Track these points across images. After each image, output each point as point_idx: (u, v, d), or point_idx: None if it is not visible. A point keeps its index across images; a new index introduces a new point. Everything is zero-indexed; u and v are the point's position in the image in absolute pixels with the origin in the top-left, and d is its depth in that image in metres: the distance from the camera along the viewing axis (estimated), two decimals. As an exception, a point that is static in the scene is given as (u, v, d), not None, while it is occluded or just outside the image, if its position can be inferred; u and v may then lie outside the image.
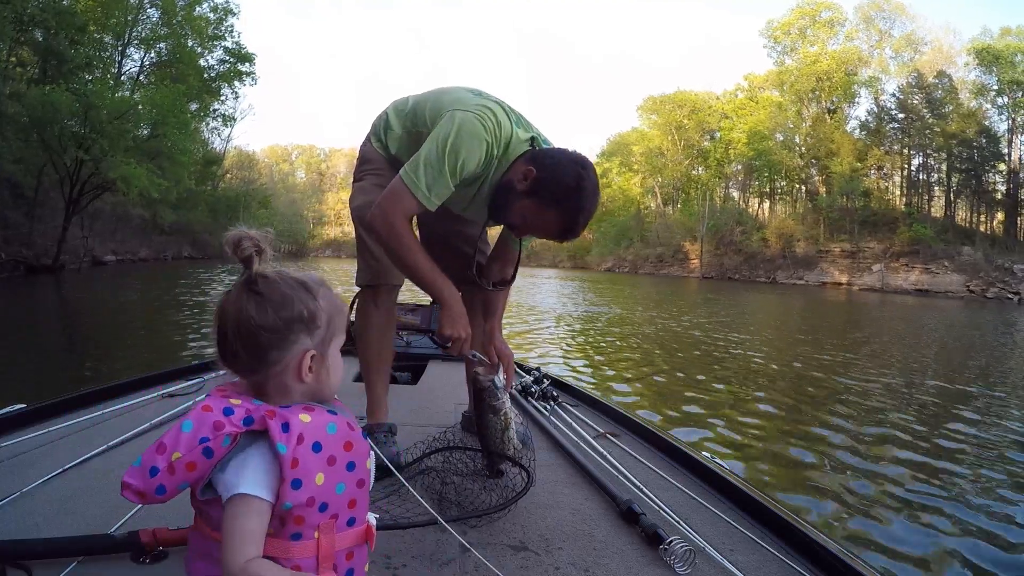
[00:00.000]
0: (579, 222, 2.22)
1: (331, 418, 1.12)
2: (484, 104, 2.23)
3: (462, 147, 2.16)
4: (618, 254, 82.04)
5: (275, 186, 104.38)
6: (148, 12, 40.99)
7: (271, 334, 1.10)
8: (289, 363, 1.12)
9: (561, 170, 2.18)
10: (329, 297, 1.20)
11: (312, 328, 1.14)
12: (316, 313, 1.15)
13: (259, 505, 1.03)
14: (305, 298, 1.14)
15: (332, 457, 1.09)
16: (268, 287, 1.12)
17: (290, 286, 1.14)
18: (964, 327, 21.74)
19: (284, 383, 1.14)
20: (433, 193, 2.19)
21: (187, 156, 34.29)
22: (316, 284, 1.19)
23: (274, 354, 1.11)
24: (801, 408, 7.39)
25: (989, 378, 10.49)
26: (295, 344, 1.12)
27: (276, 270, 1.16)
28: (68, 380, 7.13)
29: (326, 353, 1.18)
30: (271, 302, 1.11)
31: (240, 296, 1.12)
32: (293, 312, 1.12)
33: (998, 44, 58.40)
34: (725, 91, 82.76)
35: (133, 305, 16.63)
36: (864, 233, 60.31)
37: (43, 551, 1.55)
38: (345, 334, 1.24)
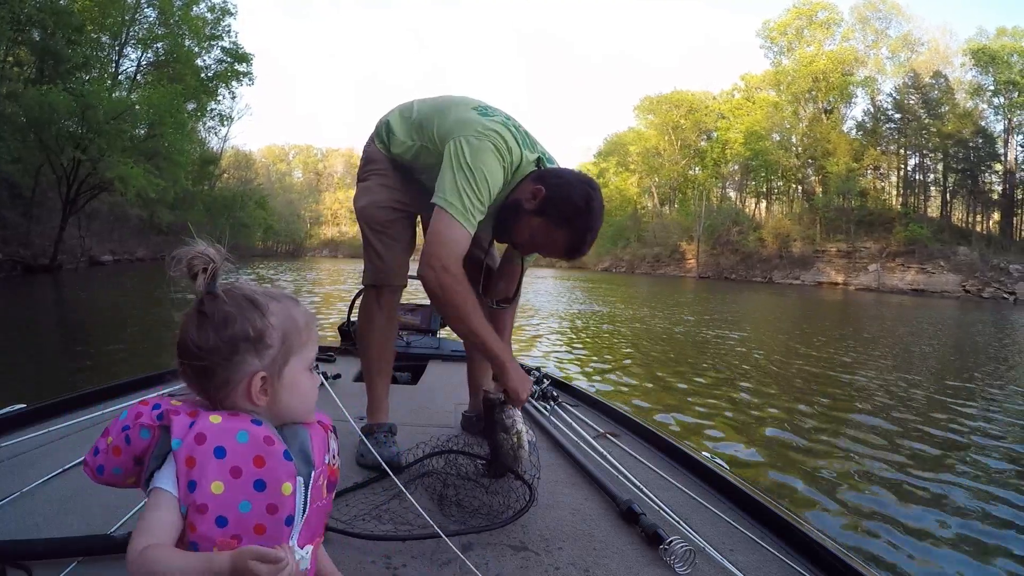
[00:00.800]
0: (587, 241, 2.23)
1: (249, 427, 1.04)
2: (493, 130, 2.21)
3: (490, 174, 2.17)
4: (615, 254, 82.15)
5: (272, 186, 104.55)
6: (145, 12, 40.94)
7: (213, 356, 1.04)
8: (238, 385, 1.06)
9: (570, 190, 2.19)
10: (285, 313, 1.12)
11: (260, 348, 1.07)
12: (264, 332, 1.08)
13: (167, 498, 0.99)
14: (252, 316, 1.08)
15: (236, 468, 1.02)
16: (211, 306, 1.07)
17: (236, 304, 1.08)
18: (961, 327, 21.78)
19: (236, 405, 1.07)
20: (475, 220, 2.18)
21: (184, 156, 34.35)
22: (268, 300, 1.12)
23: (220, 375, 1.06)
24: (801, 407, 7.38)
25: (988, 376, 10.50)
26: (241, 365, 1.06)
27: (228, 286, 1.11)
28: (68, 380, 7.12)
29: (281, 374, 1.10)
30: (212, 322, 1.06)
31: (188, 316, 1.09)
32: (236, 331, 1.06)
33: (994, 44, 58.56)
34: (722, 91, 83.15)
35: (132, 305, 16.59)
36: (860, 233, 60.46)
37: (43, 551, 1.55)
38: (313, 351, 1.17)
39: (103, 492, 1.97)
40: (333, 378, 3.81)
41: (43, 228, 27.70)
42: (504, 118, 2.32)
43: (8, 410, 2.58)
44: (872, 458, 5.51)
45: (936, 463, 5.45)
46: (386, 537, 1.82)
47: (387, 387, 2.71)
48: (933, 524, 4.12)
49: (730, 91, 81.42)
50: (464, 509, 2.05)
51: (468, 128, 2.21)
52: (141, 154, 29.52)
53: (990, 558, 3.70)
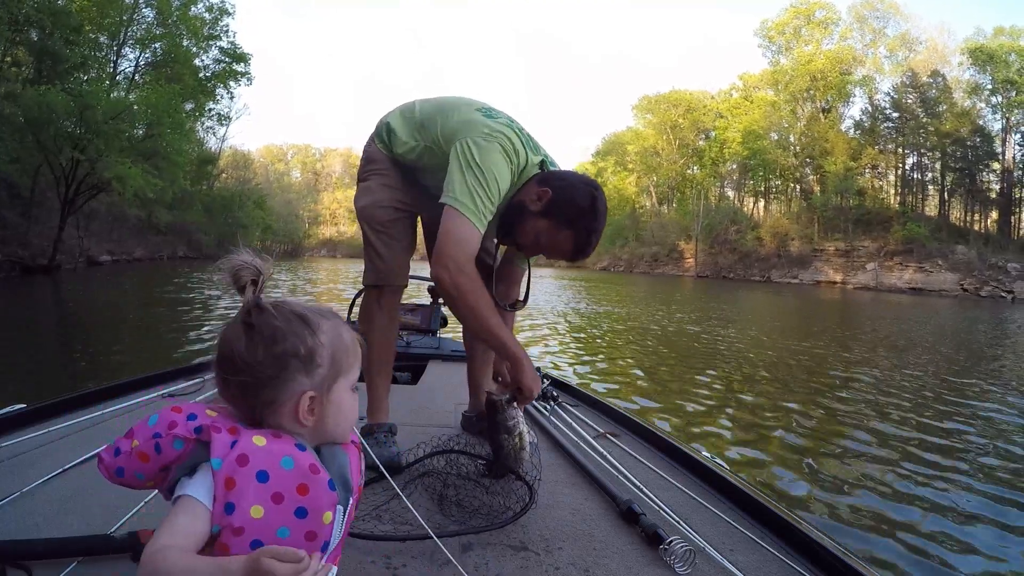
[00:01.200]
0: (591, 242, 2.27)
1: (295, 453, 1.02)
2: (500, 131, 2.22)
3: (499, 175, 2.18)
4: (613, 253, 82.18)
5: (270, 186, 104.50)
6: (143, 12, 40.93)
7: (260, 371, 1.01)
8: (285, 404, 1.04)
9: (575, 191, 2.21)
10: (335, 332, 1.10)
11: (310, 367, 1.05)
12: (315, 351, 1.05)
13: (198, 507, 0.96)
14: (302, 333, 1.05)
15: (279, 494, 0.98)
16: (261, 319, 1.03)
17: (286, 319, 1.05)
18: (959, 325, 21.78)
19: (279, 423, 1.05)
20: (486, 220, 2.18)
21: (182, 156, 34.35)
22: (318, 317, 1.09)
23: (267, 393, 1.03)
24: (800, 407, 7.38)
25: (987, 374, 10.52)
26: (290, 384, 1.03)
27: (276, 300, 1.07)
28: (68, 380, 7.12)
29: (329, 394, 1.08)
30: (262, 336, 1.02)
31: (234, 328, 1.04)
32: (286, 348, 1.03)
33: (992, 44, 58.59)
34: (720, 91, 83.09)
35: (131, 305, 16.62)
36: (858, 232, 60.49)
37: (43, 551, 1.55)
38: (357, 372, 1.14)
39: (103, 492, 1.99)
40: None
41: (41, 228, 27.69)
42: (508, 120, 2.33)
43: (8, 410, 2.58)
44: (872, 457, 5.52)
45: (936, 462, 5.45)
46: (386, 537, 1.82)
47: (387, 387, 2.70)
48: (933, 524, 4.13)
49: (728, 90, 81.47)
50: (464, 509, 2.05)
51: (475, 129, 2.22)
52: (139, 154, 29.48)
53: (991, 557, 3.70)
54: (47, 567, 1.51)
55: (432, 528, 1.82)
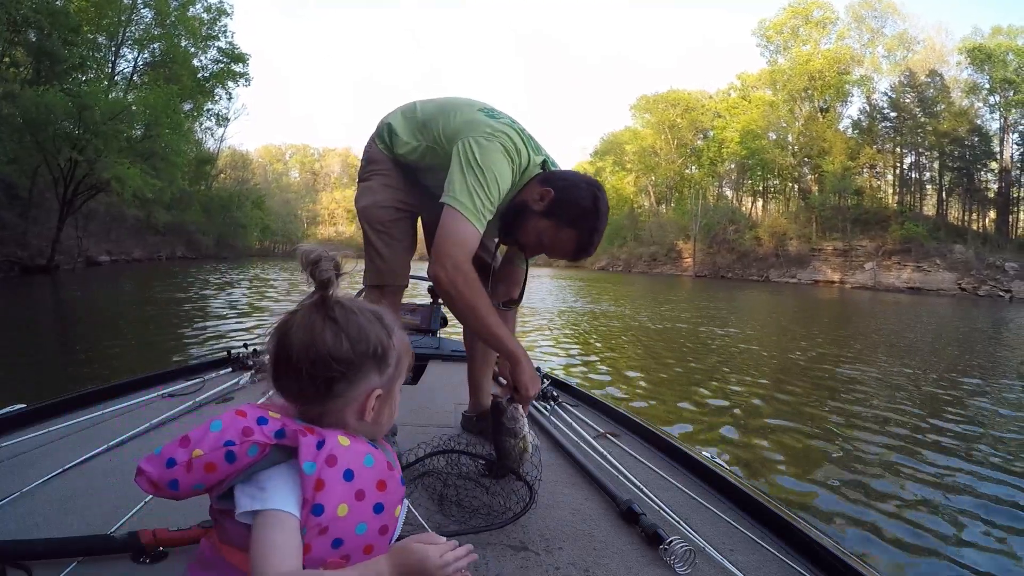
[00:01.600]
0: (594, 242, 2.27)
1: (371, 450, 1.06)
2: (502, 131, 2.22)
3: (500, 174, 2.18)
4: (612, 253, 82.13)
5: (269, 186, 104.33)
6: (141, 12, 40.95)
7: (343, 366, 1.03)
8: (354, 400, 1.07)
9: (578, 191, 2.22)
10: (402, 335, 1.15)
11: (383, 366, 1.09)
12: (389, 350, 1.10)
13: (288, 520, 0.97)
14: (381, 333, 1.09)
15: (361, 491, 1.02)
16: (345, 316, 1.06)
17: (368, 319, 1.08)
18: (957, 324, 21.77)
19: (343, 419, 1.08)
20: (485, 220, 2.18)
21: (181, 157, 34.40)
22: (392, 320, 1.14)
23: (340, 387, 1.05)
24: (800, 407, 7.39)
25: (986, 373, 10.52)
26: (364, 381, 1.07)
27: (351, 298, 1.11)
28: (68, 380, 7.11)
29: (392, 392, 1.13)
30: (347, 332, 1.05)
31: (314, 320, 1.05)
32: (369, 346, 1.06)
33: (989, 43, 58.59)
34: (718, 90, 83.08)
35: (130, 305, 16.59)
36: (856, 231, 60.49)
37: (43, 551, 1.55)
38: (408, 372, 1.19)
39: (103, 492, 1.99)
40: None
41: (40, 229, 27.70)
42: (510, 120, 2.33)
43: (8, 410, 2.59)
44: (872, 457, 5.51)
45: (937, 462, 5.44)
46: None
47: None
48: (934, 523, 4.12)
49: (726, 90, 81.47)
50: (464, 509, 2.05)
51: (477, 129, 2.22)
52: (138, 155, 29.54)
53: (991, 557, 3.70)
54: (47, 567, 1.51)
55: (432, 528, 1.82)
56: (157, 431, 2.58)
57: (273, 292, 21.22)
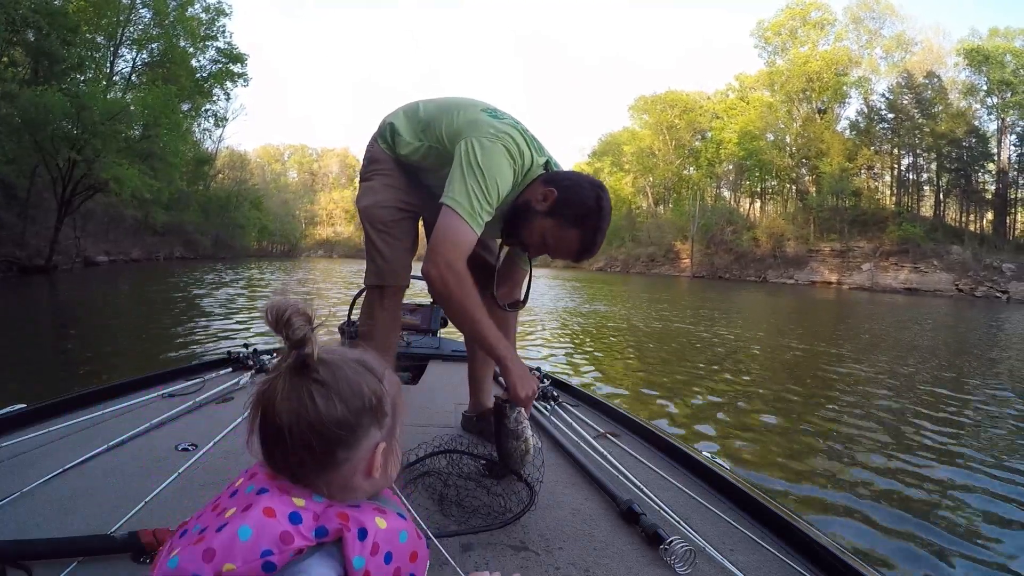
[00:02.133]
0: (597, 242, 2.26)
1: (403, 524, 0.99)
2: (505, 132, 2.22)
3: (500, 175, 2.17)
4: (609, 254, 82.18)
5: (267, 186, 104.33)
6: (140, 12, 40.96)
7: (341, 431, 0.94)
8: (360, 461, 0.97)
9: (582, 191, 2.22)
10: (392, 376, 1.04)
11: (381, 417, 0.99)
12: (383, 399, 0.99)
13: None
14: (372, 383, 0.98)
15: (398, 569, 0.95)
16: (332, 374, 0.95)
17: (355, 370, 0.98)
18: (955, 325, 21.81)
19: (351, 483, 0.98)
20: (483, 221, 2.18)
21: (179, 157, 34.40)
22: (379, 363, 1.03)
23: (342, 453, 0.95)
24: (800, 407, 7.39)
25: (985, 373, 10.55)
26: (365, 439, 0.97)
27: (330, 349, 1.00)
28: (68, 380, 7.10)
29: (394, 442, 1.03)
30: (339, 392, 0.94)
31: (299, 386, 0.94)
32: (364, 401, 0.96)
33: (987, 45, 58.72)
34: (716, 91, 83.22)
35: (129, 305, 16.60)
36: (854, 232, 60.65)
37: (43, 551, 1.55)
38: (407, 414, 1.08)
39: (103, 492, 2.00)
40: None
41: (38, 229, 27.72)
42: (513, 121, 2.33)
43: (8, 410, 2.58)
44: (872, 457, 5.51)
45: (937, 462, 5.44)
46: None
47: None
48: (934, 523, 4.12)
49: (724, 91, 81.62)
50: (465, 509, 2.05)
51: (480, 129, 2.21)
52: (136, 155, 29.56)
53: (991, 556, 3.70)
54: (47, 567, 1.51)
55: (432, 528, 1.83)
56: (157, 431, 2.58)
57: (268, 292, 21.22)
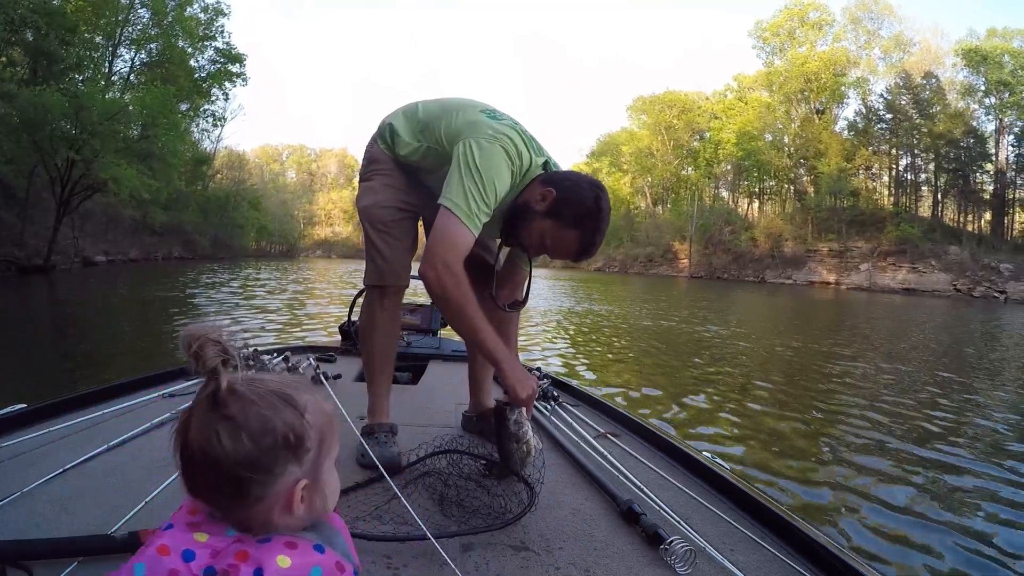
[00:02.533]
0: (596, 242, 2.26)
1: (316, 559, 0.90)
2: (504, 133, 2.23)
3: (497, 177, 2.17)
4: (608, 254, 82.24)
5: (265, 186, 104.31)
6: (139, 12, 40.96)
7: (251, 470, 0.88)
8: (276, 498, 0.91)
9: (581, 191, 2.21)
10: (317, 407, 0.97)
11: (301, 453, 0.92)
12: (304, 434, 0.92)
13: None
14: (290, 417, 0.91)
15: None
16: (242, 408, 0.89)
17: (269, 404, 0.91)
18: (953, 325, 21.83)
19: (270, 520, 0.92)
20: (480, 223, 2.18)
21: (177, 158, 34.44)
22: (301, 395, 0.95)
23: (256, 491, 0.89)
24: (800, 407, 7.39)
25: (983, 372, 10.59)
26: (281, 476, 0.90)
27: (248, 379, 0.93)
28: (68, 380, 7.10)
29: (320, 477, 0.96)
30: (247, 428, 0.88)
31: (206, 421, 0.89)
32: (277, 438, 0.89)
33: (985, 45, 58.77)
34: (715, 91, 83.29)
35: (128, 305, 16.58)
36: (852, 233, 60.72)
37: (43, 551, 1.55)
38: (339, 445, 1.02)
39: (103, 492, 2.00)
40: (334, 378, 3.81)
41: (37, 229, 27.74)
42: (512, 122, 2.33)
43: (8, 410, 2.58)
44: (872, 457, 5.51)
45: (937, 461, 5.45)
46: (386, 537, 1.81)
47: (388, 387, 2.71)
48: (934, 522, 4.13)
49: (723, 91, 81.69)
50: (465, 509, 2.05)
51: (479, 130, 2.22)
52: (135, 155, 29.62)
53: (991, 555, 3.71)
54: (47, 567, 1.50)
55: (432, 528, 1.82)
56: (157, 431, 2.58)
57: (260, 291, 21.26)
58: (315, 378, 3.75)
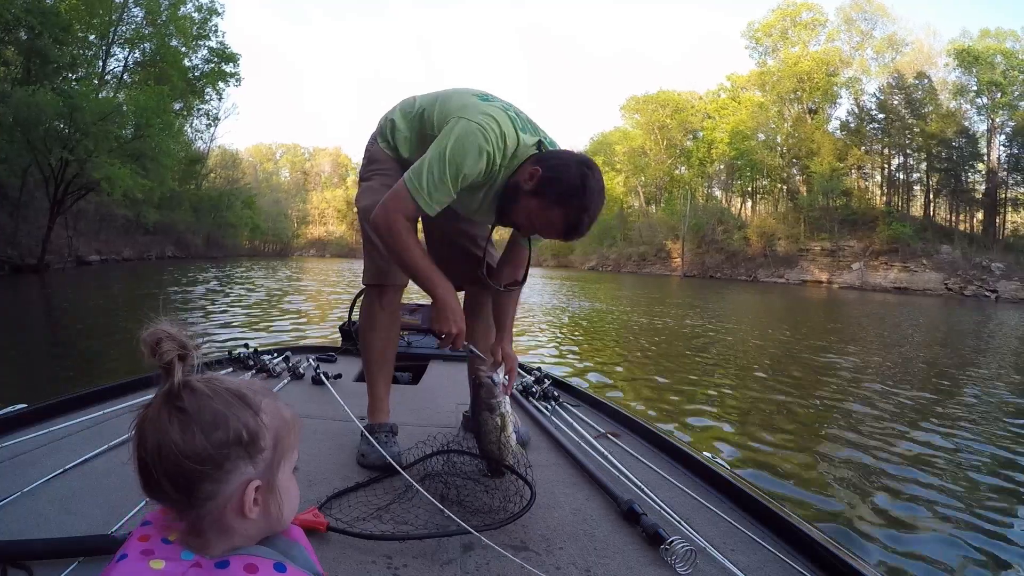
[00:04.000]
0: (583, 221, 2.22)
1: None
2: (488, 113, 2.24)
3: (463, 157, 2.18)
4: (601, 253, 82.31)
5: (259, 185, 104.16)
6: (132, 11, 40.85)
7: (201, 464, 0.86)
8: (228, 497, 0.89)
9: (566, 170, 2.19)
10: (275, 410, 0.96)
11: (254, 452, 0.91)
12: (258, 433, 0.91)
13: None
14: (244, 415, 0.91)
15: None
16: (195, 402, 0.89)
17: (224, 400, 0.91)
18: (946, 324, 21.90)
19: (223, 522, 0.90)
20: (434, 200, 2.22)
21: (171, 158, 34.41)
22: (257, 395, 0.95)
23: (207, 487, 0.88)
24: (799, 406, 7.39)
25: (978, 371, 10.66)
26: (233, 474, 0.89)
27: (207, 378, 0.93)
28: (68, 380, 7.08)
29: (274, 480, 0.94)
30: (199, 422, 0.87)
31: (161, 414, 0.88)
32: (229, 434, 0.88)
33: (977, 45, 58.85)
34: (708, 91, 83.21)
35: (124, 304, 16.55)
36: (844, 232, 60.79)
37: (43, 551, 1.55)
38: (297, 452, 1.01)
39: (103, 492, 2.00)
40: (334, 378, 3.82)
41: (30, 228, 27.82)
42: (504, 105, 2.35)
43: (9, 410, 2.59)
44: (872, 457, 5.51)
45: (937, 461, 5.47)
46: (387, 537, 1.82)
47: (388, 386, 2.73)
48: (934, 522, 4.15)
49: (716, 91, 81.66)
50: (465, 509, 2.05)
51: (466, 111, 2.25)
52: (128, 155, 29.58)
53: (991, 554, 3.72)
54: (47, 567, 1.51)
55: (433, 528, 1.83)
56: None
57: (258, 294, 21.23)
58: (315, 378, 3.76)
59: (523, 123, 2.33)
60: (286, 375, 3.90)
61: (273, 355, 4.24)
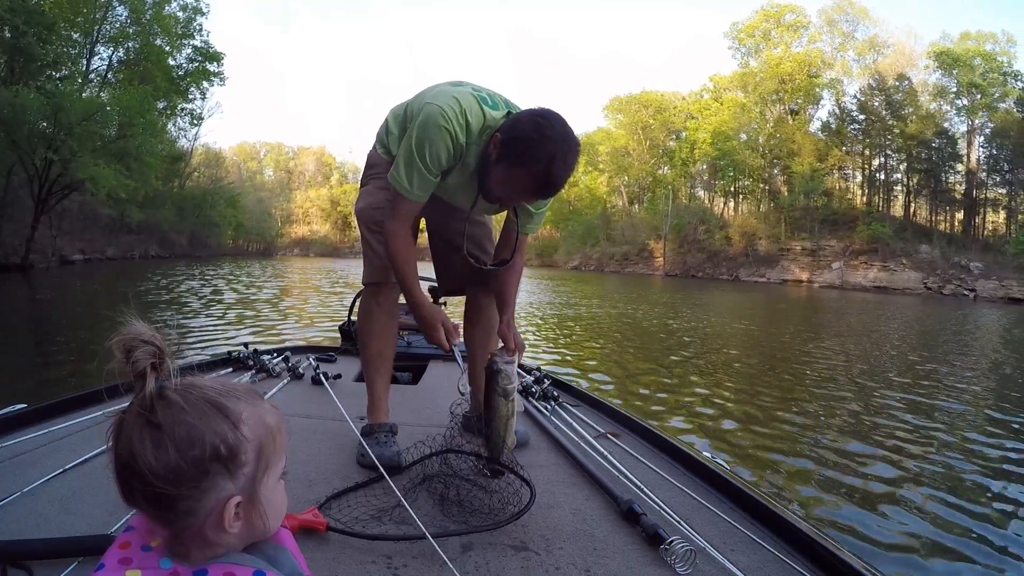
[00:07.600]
0: (552, 172, 2.14)
1: None
2: (452, 95, 2.26)
3: (425, 139, 2.23)
4: (584, 252, 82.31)
5: (243, 184, 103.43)
6: (117, 10, 40.55)
7: (176, 485, 0.81)
8: (207, 515, 0.84)
9: (520, 125, 2.17)
10: (257, 418, 0.90)
11: (234, 467, 0.85)
12: (237, 447, 0.85)
13: None
14: (221, 428, 0.85)
15: None
16: (169, 416, 0.83)
17: (200, 413, 0.84)
18: (929, 322, 22.02)
19: (204, 535, 0.86)
20: (415, 187, 2.28)
21: (154, 157, 34.27)
22: (239, 403, 0.89)
23: (184, 505, 0.82)
24: (798, 406, 7.42)
25: (981, 372, 10.78)
26: (211, 492, 0.84)
27: (183, 386, 0.87)
28: (68, 380, 7.04)
29: (256, 493, 0.89)
30: (173, 439, 0.81)
31: (133, 428, 0.83)
32: (205, 450, 0.82)
33: (957, 48, 59.33)
34: (691, 92, 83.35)
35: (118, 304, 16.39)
36: (824, 232, 61.12)
37: (43, 551, 1.55)
38: (284, 458, 0.95)
39: (103, 492, 1.99)
40: (334, 378, 3.83)
41: (15, 227, 27.72)
42: (474, 88, 2.38)
43: (9, 410, 2.60)
44: (872, 457, 5.54)
45: (936, 461, 5.52)
46: (387, 537, 1.83)
47: (387, 387, 2.74)
48: (934, 522, 4.17)
49: (699, 92, 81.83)
50: (465, 509, 2.06)
51: (435, 98, 2.28)
52: (112, 154, 29.54)
53: (991, 553, 3.75)
54: (47, 567, 1.51)
55: (433, 528, 1.83)
56: None
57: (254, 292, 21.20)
58: (315, 378, 3.77)
59: (494, 101, 2.33)
60: (286, 375, 3.91)
61: (273, 355, 4.25)
